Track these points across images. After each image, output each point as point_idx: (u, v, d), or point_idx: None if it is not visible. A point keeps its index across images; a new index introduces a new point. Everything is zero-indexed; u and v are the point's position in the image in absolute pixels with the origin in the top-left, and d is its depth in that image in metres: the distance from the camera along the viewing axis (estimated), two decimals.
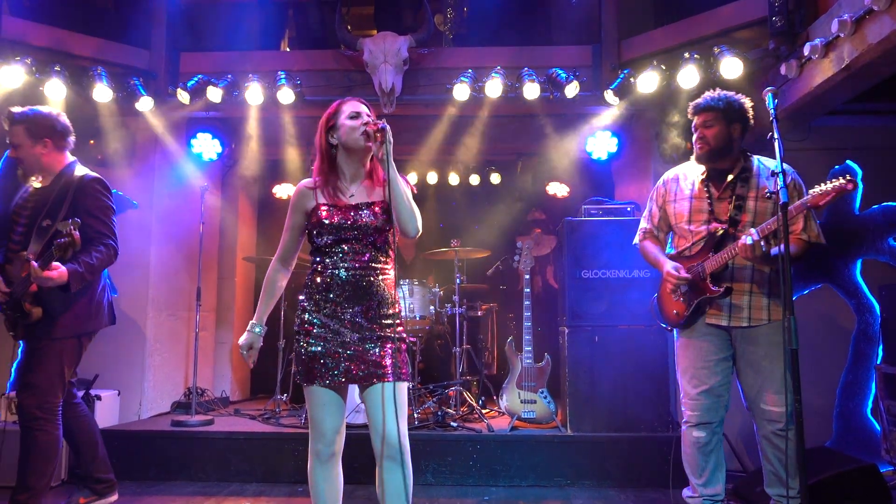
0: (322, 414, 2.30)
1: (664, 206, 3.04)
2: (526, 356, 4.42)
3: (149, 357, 4.91)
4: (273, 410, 4.81)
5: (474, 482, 4.00)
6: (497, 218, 6.48)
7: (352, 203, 2.33)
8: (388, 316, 2.33)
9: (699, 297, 2.82)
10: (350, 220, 2.30)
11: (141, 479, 4.08)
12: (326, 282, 2.31)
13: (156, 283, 5.00)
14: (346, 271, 2.30)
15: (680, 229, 2.97)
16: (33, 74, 4.06)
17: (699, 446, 2.84)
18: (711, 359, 2.83)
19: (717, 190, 2.86)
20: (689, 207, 2.91)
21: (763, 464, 2.84)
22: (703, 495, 2.86)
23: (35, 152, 3.02)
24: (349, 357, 2.28)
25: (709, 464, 2.85)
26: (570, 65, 4.52)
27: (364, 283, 2.30)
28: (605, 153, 5.05)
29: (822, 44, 3.19)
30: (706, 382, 2.82)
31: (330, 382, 2.28)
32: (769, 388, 2.72)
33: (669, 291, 2.94)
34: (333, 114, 2.40)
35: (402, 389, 2.29)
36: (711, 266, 2.77)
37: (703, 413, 2.82)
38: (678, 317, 2.92)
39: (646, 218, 3.16)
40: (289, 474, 4.04)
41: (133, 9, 4.75)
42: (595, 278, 4.26)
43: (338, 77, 4.72)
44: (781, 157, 2.31)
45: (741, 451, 4.08)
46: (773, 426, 2.71)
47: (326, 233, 2.32)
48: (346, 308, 2.30)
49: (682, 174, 3.02)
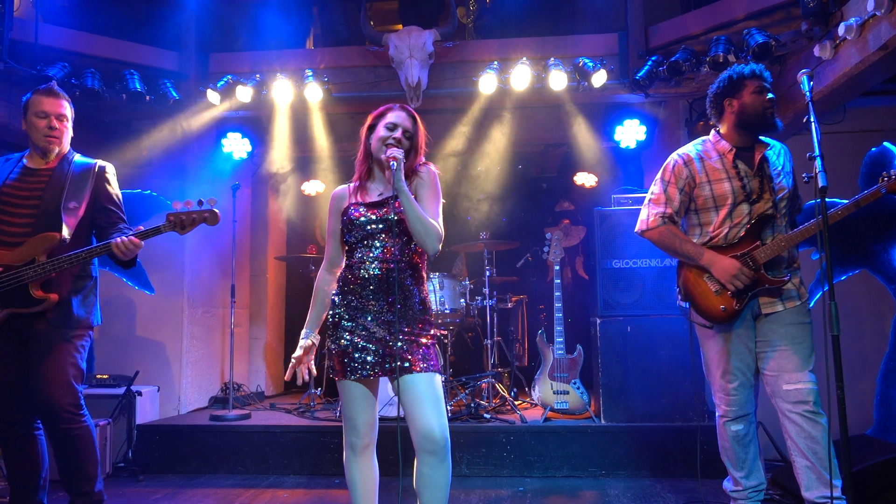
0: (354, 408, 2.35)
1: (689, 189, 2.79)
2: (558, 347, 4.42)
3: (186, 353, 5.02)
4: (308, 404, 4.88)
5: (509, 473, 4.01)
6: (525, 209, 6.47)
7: (379, 199, 2.39)
8: (417, 310, 2.37)
9: (752, 288, 2.63)
10: (378, 215, 2.35)
11: (183, 472, 4.18)
12: (356, 277, 2.35)
13: (191, 281, 5.10)
14: (375, 266, 2.34)
15: (716, 215, 2.74)
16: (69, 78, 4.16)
17: (738, 439, 2.76)
18: (743, 350, 2.72)
19: (749, 168, 2.72)
20: (731, 188, 2.70)
21: (795, 461, 2.61)
22: (746, 488, 2.78)
23: (68, 128, 2.90)
24: (378, 351, 2.31)
25: (748, 455, 2.78)
26: (596, 53, 4.48)
27: (392, 278, 2.32)
28: (633, 142, 5.00)
29: (858, 23, 3.11)
30: (742, 375, 2.71)
31: (360, 376, 2.31)
32: (793, 368, 2.60)
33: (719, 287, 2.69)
34: (377, 116, 2.46)
35: (433, 380, 2.29)
36: (767, 254, 2.62)
37: (741, 406, 2.73)
38: (726, 313, 2.68)
39: (660, 202, 2.83)
40: (326, 467, 4.10)
41: (162, 12, 4.83)
42: (626, 268, 4.24)
43: (364, 73, 4.75)
44: (819, 141, 2.27)
45: (778, 440, 4.03)
46: (801, 407, 2.55)
47: (356, 229, 2.37)
48: (375, 302, 2.33)
49: (703, 153, 2.81)
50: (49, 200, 2.76)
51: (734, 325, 2.71)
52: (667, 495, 3.56)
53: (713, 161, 2.77)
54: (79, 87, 4.18)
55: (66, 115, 2.87)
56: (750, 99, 2.70)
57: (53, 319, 2.70)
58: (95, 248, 2.71)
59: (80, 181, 2.85)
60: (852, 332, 4.11)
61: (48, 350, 2.69)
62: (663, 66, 4.12)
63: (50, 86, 2.86)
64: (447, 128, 5.23)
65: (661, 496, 3.55)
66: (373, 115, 2.47)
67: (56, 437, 2.72)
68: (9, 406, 2.72)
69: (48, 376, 2.67)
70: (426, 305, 2.41)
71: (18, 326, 2.69)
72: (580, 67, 4.29)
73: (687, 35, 4.30)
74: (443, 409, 2.26)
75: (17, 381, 2.71)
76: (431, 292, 4.72)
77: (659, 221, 2.82)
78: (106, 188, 2.91)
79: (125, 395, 4.27)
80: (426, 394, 2.24)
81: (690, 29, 4.28)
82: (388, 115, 2.43)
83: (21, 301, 2.65)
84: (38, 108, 2.80)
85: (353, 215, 2.37)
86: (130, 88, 4.32)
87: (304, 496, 3.69)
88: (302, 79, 4.51)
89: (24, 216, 2.73)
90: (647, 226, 2.85)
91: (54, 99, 2.83)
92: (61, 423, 2.69)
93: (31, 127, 2.83)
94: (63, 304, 2.73)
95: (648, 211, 2.87)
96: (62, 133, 2.85)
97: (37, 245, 2.67)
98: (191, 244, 5.09)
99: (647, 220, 2.87)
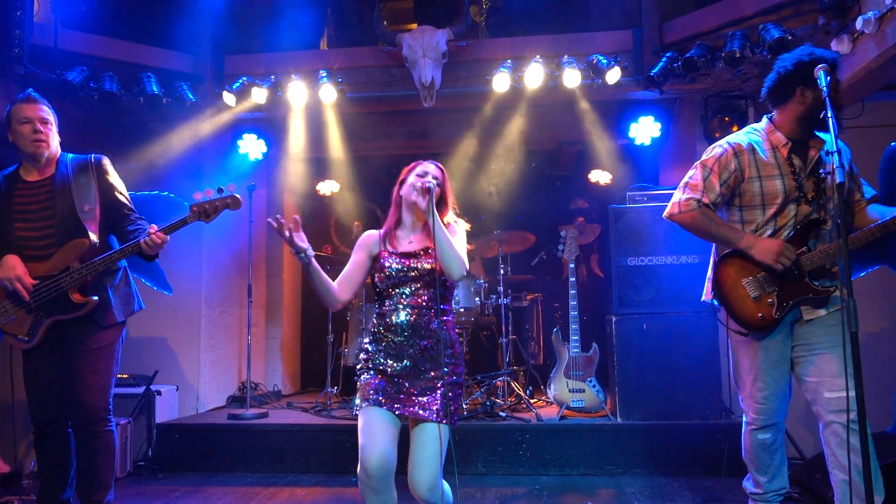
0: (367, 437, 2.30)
1: (735, 182, 2.55)
2: (573, 345, 4.41)
3: (204, 353, 5.07)
4: (324, 403, 4.91)
5: (525, 471, 4.02)
6: (540, 207, 6.45)
7: (411, 250, 2.49)
8: (447, 353, 2.42)
9: (795, 297, 2.46)
10: (409, 264, 2.45)
11: (202, 470, 4.23)
12: (388, 323, 2.44)
13: (208, 281, 5.15)
14: (407, 313, 2.43)
15: (762, 213, 2.54)
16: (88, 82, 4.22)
17: (764, 447, 2.65)
18: (778, 359, 2.56)
19: (805, 165, 2.51)
20: (783, 186, 2.49)
21: (833, 473, 2.48)
22: (769, 490, 2.70)
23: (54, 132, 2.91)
24: (405, 395, 2.37)
25: (774, 461, 2.67)
26: (610, 50, 4.46)
27: (423, 323, 2.42)
28: (648, 138, 4.97)
29: (876, 17, 3.08)
30: (775, 384, 2.57)
31: (386, 408, 2.35)
32: (836, 373, 2.42)
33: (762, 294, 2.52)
34: (408, 171, 2.58)
35: (445, 432, 2.34)
36: (814, 262, 2.44)
37: (771, 415, 2.61)
38: (763, 321, 2.49)
39: (696, 189, 2.58)
40: (342, 465, 4.13)
41: (178, 16, 4.87)
42: (641, 265, 4.23)
43: (377, 73, 4.77)
44: (836, 136, 2.24)
45: (797, 438, 3.99)
46: (843, 416, 2.37)
47: (388, 277, 2.46)
48: (407, 347, 2.41)
49: (757, 143, 2.57)
50: (62, 207, 2.82)
51: (772, 334, 2.55)
52: (684, 493, 3.54)
53: (766, 154, 2.55)
54: (97, 90, 4.24)
55: (48, 119, 2.89)
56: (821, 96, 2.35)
57: (96, 320, 2.81)
58: (126, 247, 2.78)
59: (83, 182, 2.89)
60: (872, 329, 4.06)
61: (88, 353, 2.80)
62: (678, 63, 4.09)
63: (28, 93, 2.88)
64: (461, 127, 5.24)
65: (678, 494, 3.54)
66: (405, 170, 2.60)
67: (82, 438, 2.84)
68: (52, 404, 2.83)
69: (86, 379, 2.79)
70: (455, 351, 2.47)
71: (62, 332, 2.79)
72: (594, 65, 4.27)
73: (702, 31, 4.26)
74: (439, 464, 2.31)
75: (55, 382, 2.82)
76: None
77: (693, 205, 2.58)
78: (109, 181, 2.96)
79: (145, 394, 4.33)
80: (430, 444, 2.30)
81: (706, 24, 4.25)
82: (418, 167, 2.57)
83: (63, 308, 2.75)
84: (20, 115, 2.83)
85: (385, 263, 2.47)
86: (148, 91, 4.37)
87: (321, 494, 3.72)
88: (316, 79, 4.54)
89: (44, 227, 2.80)
90: (680, 209, 2.61)
91: (34, 104, 2.86)
92: (90, 424, 2.81)
93: (17, 135, 2.85)
94: (103, 303, 2.83)
95: (682, 194, 2.63)
96: (48, 136, 2.87)
97: (69, 253, 2.77)
98: (208, 245, 5.15)
99: (679, 202, 2.62)
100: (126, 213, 2.95)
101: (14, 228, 2.80)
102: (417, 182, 2.48)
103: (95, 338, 2.83)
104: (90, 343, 2.81)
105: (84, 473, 2.83)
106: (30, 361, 2.83)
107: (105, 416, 2.84)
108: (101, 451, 2.83)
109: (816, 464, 3.56)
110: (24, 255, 2.77)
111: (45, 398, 2.81)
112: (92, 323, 2.81)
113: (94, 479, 2.82)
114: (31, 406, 2.83)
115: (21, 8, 3.86)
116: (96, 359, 2.82)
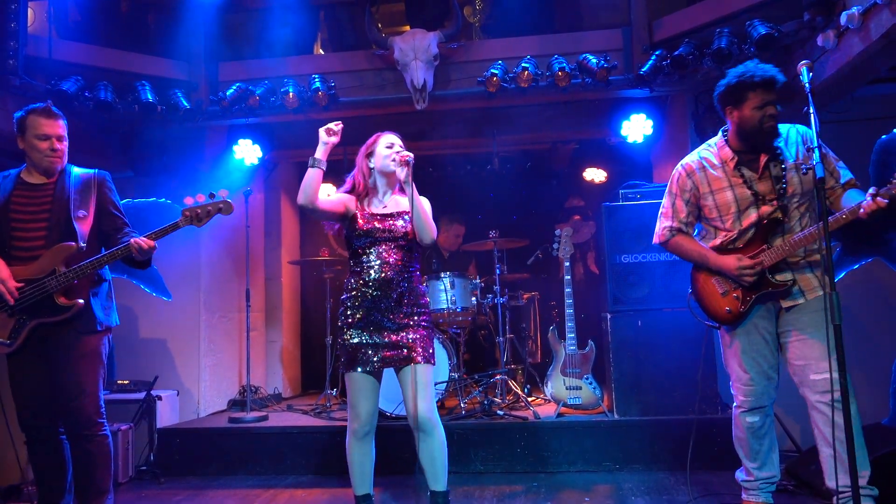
0: (359, 398, 2.73)
1: (695, 199, 2.84)
2: (569, 343, 4.43)
3: (204, 357, 5.10)
4: (324, 405, 4.94)
5: (523, 469, 4.04)
6: (535, 206, 6.48)
7: (386, 213, 2.82)
8: (418, 305, 2.80)
9: (759, 292, 2.66)
10: (384, 226, 2.77)
11: (203, 474, 4.26)
12: (364, 279, 2.75)
13: (207, 286, 5.19)
14: (380, 269, 2.74)
15: (722, 222, 2.77)
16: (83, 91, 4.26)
17: (752, 430, 2.77)
18: (761, 341, 2.73)
19: (754, 172, 2.71)
20: (735, 197, 2.72)
21: (821, 450, 2.62)
22: (758, 478, 2.80)
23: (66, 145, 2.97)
24: (385, 345, 2.72)
25: (763, 447, 2.79)
26: (600, 49, 4.48)
27: (395, 279, 2.74)
28: (640, 136, 4.99)
29: (860, 12, 3.10)
30: (757, 366, 2.73)
31: (369, 369, 2.72)
32: (820, 356, 2.56)
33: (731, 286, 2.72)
34: (373, 143, 2.91)
35: (427, 370, 2.73)
36: (773, 257, 2.62)
37: (756, 398, 2.74)
38: (730, 314, 2.73)
39: (668, 216, 2.92)
40: (342, 466, 4.11)
41: (172, 24, 4.90)
42: (635, 263, 4.26)
43: (370, 77, 4.80)
44: (818, 132, 2.28)
45: (793, 431, 4.02)
46: (828, 396, 2.52)
47: (364, 236, 2.78)
48: (381, 301, 2.73)
49: (705, 161, 2.81)
50: (58, 212, 2.85)
51: (745, 322, 2.73)
52: (681, 488, 3.57)
53: (716, 170, 2.77)
54: (92, 99, 4.27)
55: (64, 135, 2.94)
56: (750, 114, 2.62)
57: (80, 325, 2.82)
58: (115, 250, 2.82)
59: (83, 191, 2.94)
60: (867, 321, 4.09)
61: (75, 359, 2.81)
62: (667, 61, 4.12)
63: (48, 106, 2.90)
64: (454, 128, 5.27)
65: (676, 489, 3.57)
66: (368, 143, 2.93)
67: (76, 444, 2.83)
68: (37, 412, 2.82)
69: (75, 386, 2.80)
70: (424, 301, 2.85)
71: (45, 335, 2.79)
72: (584, 64, 4.30)
73: (692, 28, 4.28)
74: (429, 394, 2.72)
75: (42, 389, 2.82)
76: (443, 291, 4.77)
77: (667, 235, 2.93)
78: (108, 195, 3.02)
79: (145, 399, 4.37)
80: (420, 382, 2.68)
81: (694, 22, 4.27)
82: (382, 138, 2.90)
83: (47, 311, 2.76)
84: (39, 131, 2.85)
85: (360, 224, 2.78)
86: (142, 99, 4.39)
87: (321, 495, 3.75)
88: (309, 84, 4.57)
89: (36, 230, 2.84)
90: (660, 239, 2.99)
91: (54, 120, 2.89)
92: (85, 429, 2.81)
93: (32, 148, 2.87)
94: (86, 309, 2.84)
95: (660, 224, 2.98)
96: (63, 153, 2.93)
97: (55, 256, 2.77)
98: (206, 250, 5.19)
99: (659, 232, 2.99)
100: (119, 225, 3.01)
101: (11, 228, 2.82)
102: (392, 154, 2.80)
103: (81, 343, 2.83)
104: (78, 348, 2.82)
105: (81, 480, 2.84)
106: (15, 369, 2.83)
107: (99, 420, 2.85)
108: (97, 455, 2.84)
109: (812, 456, 3.58)
110: (12, 255, 2.78)
111: (33, 404, 2.81)
112: (75, 329, 2.82)
113: (92, 485, 2.83)
114: (19, 413, 2.83)
115: (15, 19, 3.88)
116: (85, 364, 2.83)
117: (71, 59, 4.39)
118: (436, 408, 2.76)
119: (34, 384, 2.81)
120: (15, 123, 2.91)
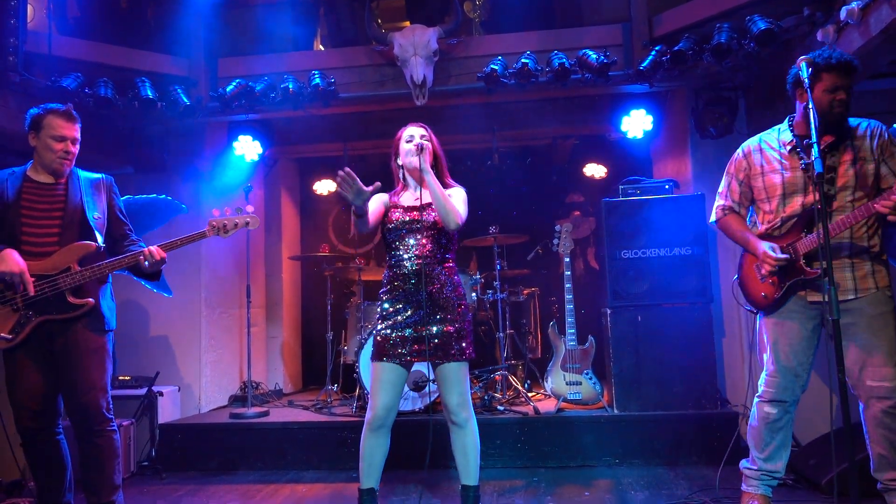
0: (378, 389, 2.71)
1: (748, 180, 2.86)
2: (569, 338, 4.44)
3: (205, 354, 5.12)
4: (325, 400, 4.96)
5: (523, 464, 4.06)
6: (535, 202, 6.48)
7: (417, 205, 2.81)
8: (454, 297, 2.78)
9: (792, 279, 2.66)
10: (417, 217, 2.78)
11: (204, 469, 4.28)
12: (396, 272, 2.78)
13: (207, 283, 5.19)
14: (413, 261, 2.75)
15: (769, 205, 2.79)
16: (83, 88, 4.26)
17: (768, 422, 2.78)
18: (796, 338, 2.71)
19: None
20: (783, 180, 2.72)
21: (871, 447, 2.64)
22: (762, 469, 2.81)
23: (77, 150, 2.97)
24: (416, 339, 2.71)
25: (774, 440, 2.79)
26: (600, 44, 4.47)
27: (429, 271, 2.74)
28: (640, 132, 5.00)
29: (859, 7, 3.10)
30: (787, 361, 2.72)
31: (397, 361, 2.70)
32: (878, 362, 2.54)
33: (765, 273, 2.72)
34: (397, 139, 2.92)
35: (461, 367, 2.73)
36: (806, 246, 2.62)
37: (779, 391, 2.75)
38: (766, 300, 2.76)
39: (723, 195, 2.96)
40: (343, 461, 4.18)
41: (171, 20, 4.89)
42: (635, 258, 4.26)
43: (370, 73, 4.79)
44: (816, 127, 2.29)
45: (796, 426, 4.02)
46: (885, 403, 2.53)
47: (395, 230, 2.80)
48: (414, 293, 2.73)
49: (765, 143, 2.83)
50: (73, 211, 2.86)
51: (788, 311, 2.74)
52: (680, 482, 3.59)
53: (773, 152, 2.79)
54: (92, 96, 4.27)
55: (79, 138, 2.93)
56: (820, 96, 2.56)
57: (89, 324, 2.84)
58: (129, 255, 2.86)
59: (95, 193, 2.97)
60: None
61: (84, 356, 2.80)
62: (667, 56, 4.11)
63: (69, 109, 2.90)
64: (454, 124, 5.27)
65: (675, 483, 3.58)
66: (395, 140, 2.94)
67: (86, 440, 2.82)
68: (35, 413, 2.81)
69: (86, 382, 2.79)
70: (461, 293, 2.82)
71: (52, 332, 2.79)
72: (584, 60, 4.29)
73: (691, 23, 4.27)
74: (463, 389, 2.72)
75: (42, 388, 2.80)
76: None
77: (720, 213, 2.97)
78: (115, 200, 3.06)
79: (147, 395, 4.38)
80: (452, 378, 2.71)
81: (694, 17, 4.25)
82: (403, 132, 2.91)
83: (57, 308, 2.77)
84: (57, 133, 2.84)
85: (394, 217, 2.82)
86: (142, 96, 4.39)
87: (322, 490, 3.77)
88: (309, 80, 4.57)
89: (49, 227, 2.84)
90: (715, 216, 3.01)
91: (73, 124, 2.89)
92: (96, 424, 2.82)
93: (45, 147, 2.85)
94: (95, 308, 2.85)
95: (716, 203, 3.01)
96: (74, 156, 2.93)
97: (71, 254, 2.79)
98: (207, 247, 5.18)
99: (714, 210, 3.01)
100: (126, 231, 3.05)
101: (21, 224, 2.81)
102: (409, 146, 2.82)
103: (91, 340, 2.83)
104: (88, 345, 2.82)
105: (93, 476, 2.82)
106: (13, 366, 2.80)
107: (108, 416, 2.86)
108: (107, 450, 2.84)
109: (811, 451, 3.61)
110: (21, 251, 2.76)
111: (30, 404, 2.78)
112: (84, 327, 2.82)
113: (105, 481, 2.82)
114: (17, 414, 2.80)
115: (15, 16, 3.88)
116: (96, 360, 2.83)
117: (71, 55, 4.39)
118: (470, 402, 2.75)
119: (32, 383, 2.78)
120: (29, 120, 2.89)
